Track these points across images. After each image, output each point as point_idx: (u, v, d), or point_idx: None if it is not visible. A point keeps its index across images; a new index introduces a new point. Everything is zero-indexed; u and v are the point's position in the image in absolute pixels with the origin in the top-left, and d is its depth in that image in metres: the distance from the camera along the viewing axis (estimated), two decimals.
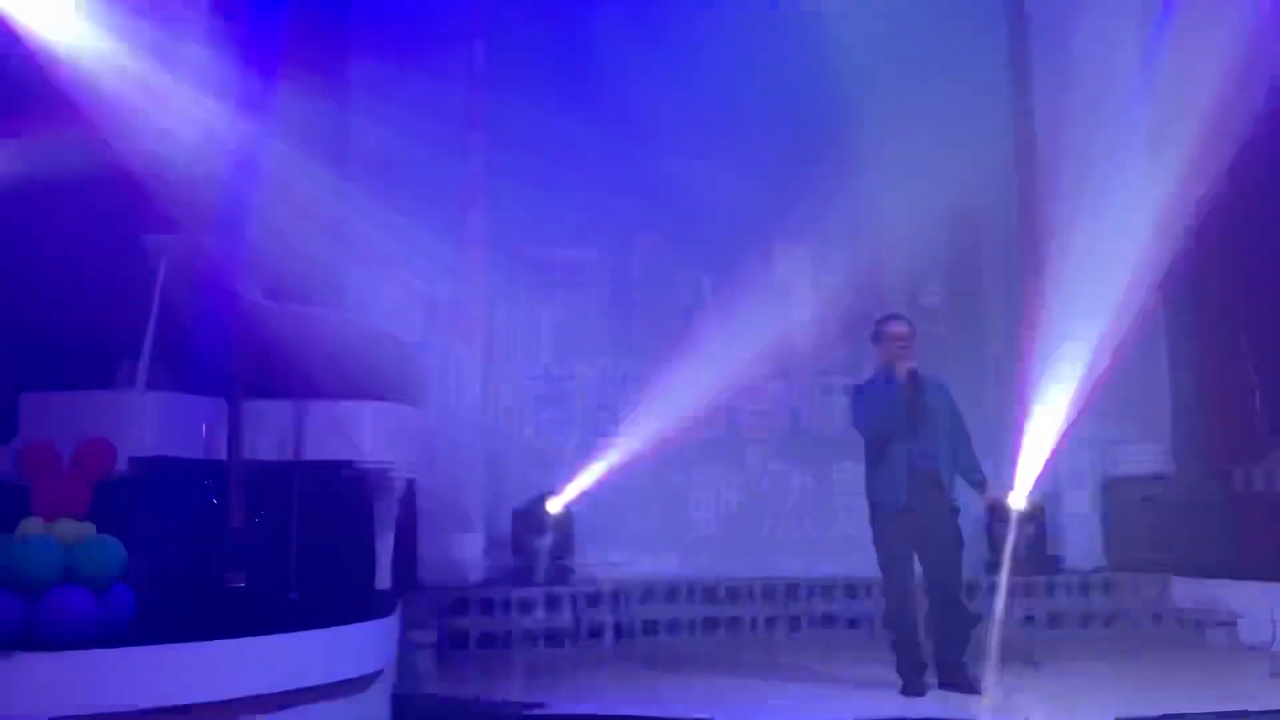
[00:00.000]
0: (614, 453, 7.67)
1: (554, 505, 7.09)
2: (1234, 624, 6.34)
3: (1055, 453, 7.79)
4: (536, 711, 4.42)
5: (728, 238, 8.08)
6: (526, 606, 6.63)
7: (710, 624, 7.09)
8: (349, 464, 5.17)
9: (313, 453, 5.04)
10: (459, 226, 7.49)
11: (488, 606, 6.58)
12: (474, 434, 7.37)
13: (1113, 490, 7.73)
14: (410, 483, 6.14)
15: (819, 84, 8.18)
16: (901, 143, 8.20)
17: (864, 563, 7.04)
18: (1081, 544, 7.81)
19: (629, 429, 7.75)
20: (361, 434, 5.14)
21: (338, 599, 5.13)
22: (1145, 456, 7.83)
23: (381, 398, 5.25)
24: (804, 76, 8.17)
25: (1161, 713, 2.99)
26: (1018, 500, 7.44)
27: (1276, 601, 6.09)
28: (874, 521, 5.18)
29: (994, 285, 8.43)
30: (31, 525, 3.55)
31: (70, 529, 3.57)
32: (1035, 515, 7.51)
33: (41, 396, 4.69)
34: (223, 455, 4.80)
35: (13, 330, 6.57)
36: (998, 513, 7.44)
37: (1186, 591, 6.90)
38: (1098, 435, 7.86)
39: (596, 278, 7.98)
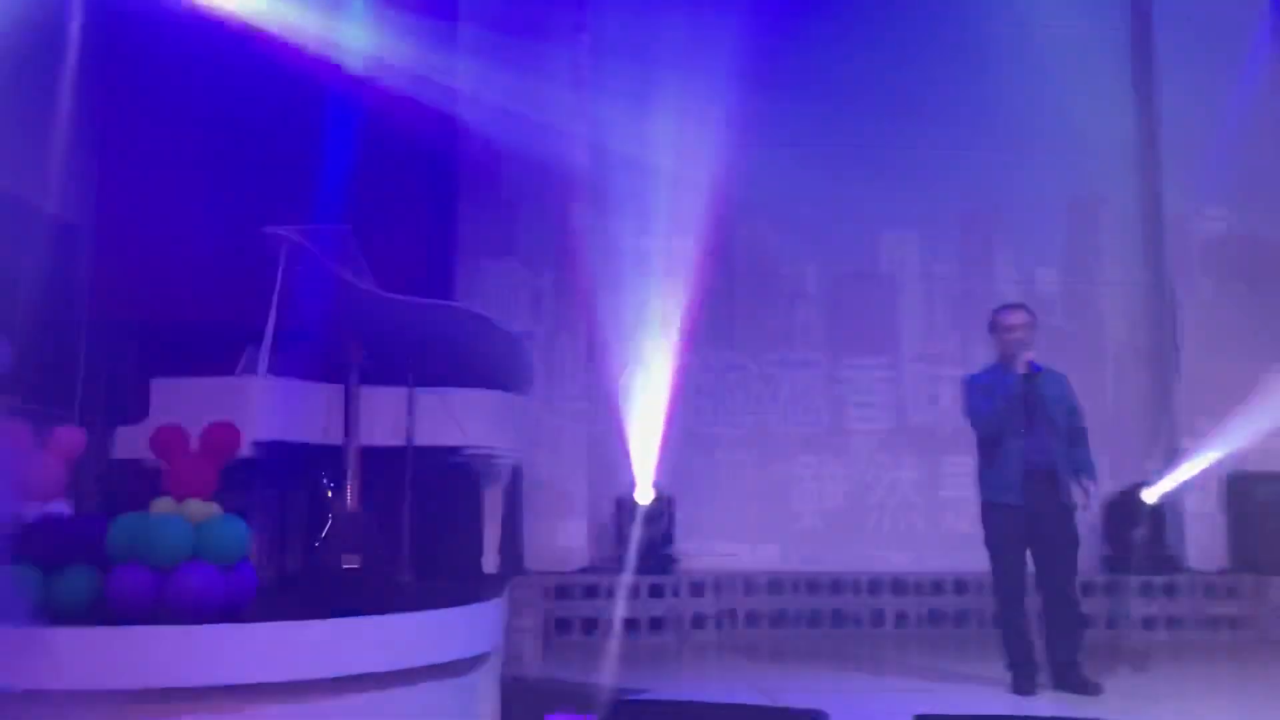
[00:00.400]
0: (717, 443, 7.70)
1: (656, 495, 7.10)
2: None
3: (1175, 449, 7.54)
4: (639, 697, 4.46)
5: (832, 226, 7.99)
6: (630, 594, 6.68)
7: (814, 617, 7.05)
8: (457, 450, 5.27)
9: (423, 439, 5.14)
10: (563, 217, 7.56)
11: (591, 592, 6.66)
12: (578, 423, 7.45)
13: (1238, 488, 7.40)
14: (516, 470, 6.24)
15: (931, 64, 8.05)
16: (1018, 126, 8.05)
17: (972, 559, 6.94)
18: (1205, 544, 7.52)
19: (732, 419, 7.75)
20: (469, 421, 5.22)
21: (447, 582, 5.24)
22: (1275, 452, 7.47)
23: (489, 386, 5.33)
24: (914, 56, 8.04)
25: None
26: (1147, 496, 7.23)
27: None
28: (986, 517, 5.08)
29: (1113, 274, 8.15)
30: (163, 504, 3.72)
31: (199, 509, 3.72)
32: (1154, 513, 7.27)
33: (171, 382, 4.89)
34: (339, 440, 4.94)
35: (145, 318, 6.93)
36: (1115, 510, 7.26)
37: None
38: (1223, 429, 7.54)
39: (699, 267, 7.95)
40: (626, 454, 7.39)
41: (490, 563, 5.62)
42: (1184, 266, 7.89)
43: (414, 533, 5.05)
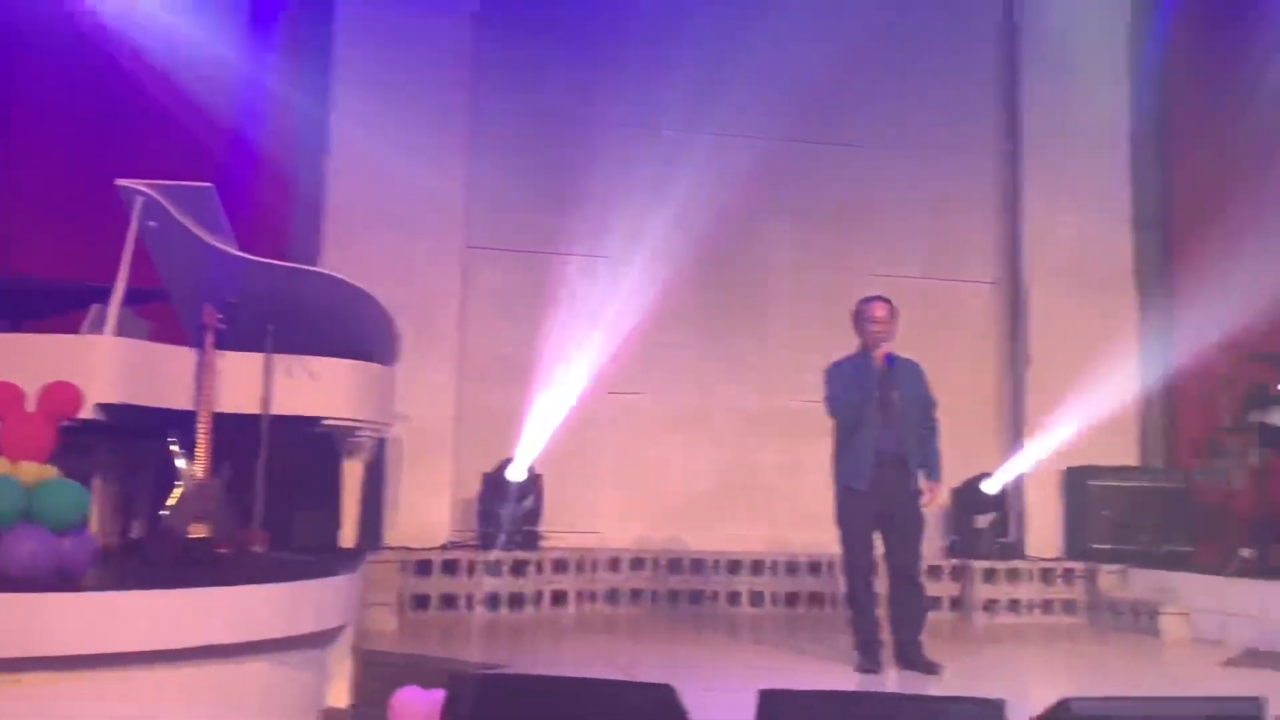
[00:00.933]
0: (587, 422, 7.71)
1: (522, 472, 7.08)
2: (1187, 615, 6.44)
3: (1019, 442, 7.94)
4: (494, 672, 4.44)
5: (706, 211, 8.07)
6: (491, 570, 6.65)
7: (673, 595, 7.16)
8: (317, 420, 5.15)
9: (281, 407, 5.00)
10: (439, 186, 7.45)
11: (451, 569, 6.60)
12: (447, 398, 7.35)
13: (1074, 481, 7.82)
14: (380, 443, 6.14)
15: (807, 59, 8.23)
16: (888, 123, 8.33)
17: (829, 541, 7.18)
18: (1044, 533, 7.93)
19: (601, 398, 7.78)
20: (330, 391, 5.11)
21: (301, 555, 5.13)
22: (1110, 448, 7.93)
23: (353, 355, 5.22)
24: (791, 50, 8.22)
25: (1108, 695, 3.05)
26: (987, 487, 7.58)
27: (1228, 595, 6.20)
28: (838, 500, 5.24)
29: (971, 271, 8.49)
30: None
31: (33, 470, 3.55)
32: (998, 503, 7.63)
33: (8, 338, 4.63)
34: (191, 406, 4.76)
35: None
36: (962, 498, 7.59)
37: (1143, 582, 7.02)
38: (1064, 424, 7.98)
39: (578, 246, 7.94)
40: (496, 430, 7.34)
41: (348, 536, 5.52)
42: (1038, 267, 8.28)
43: (268, 504, 4.92)
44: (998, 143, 8.57)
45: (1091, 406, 7.97)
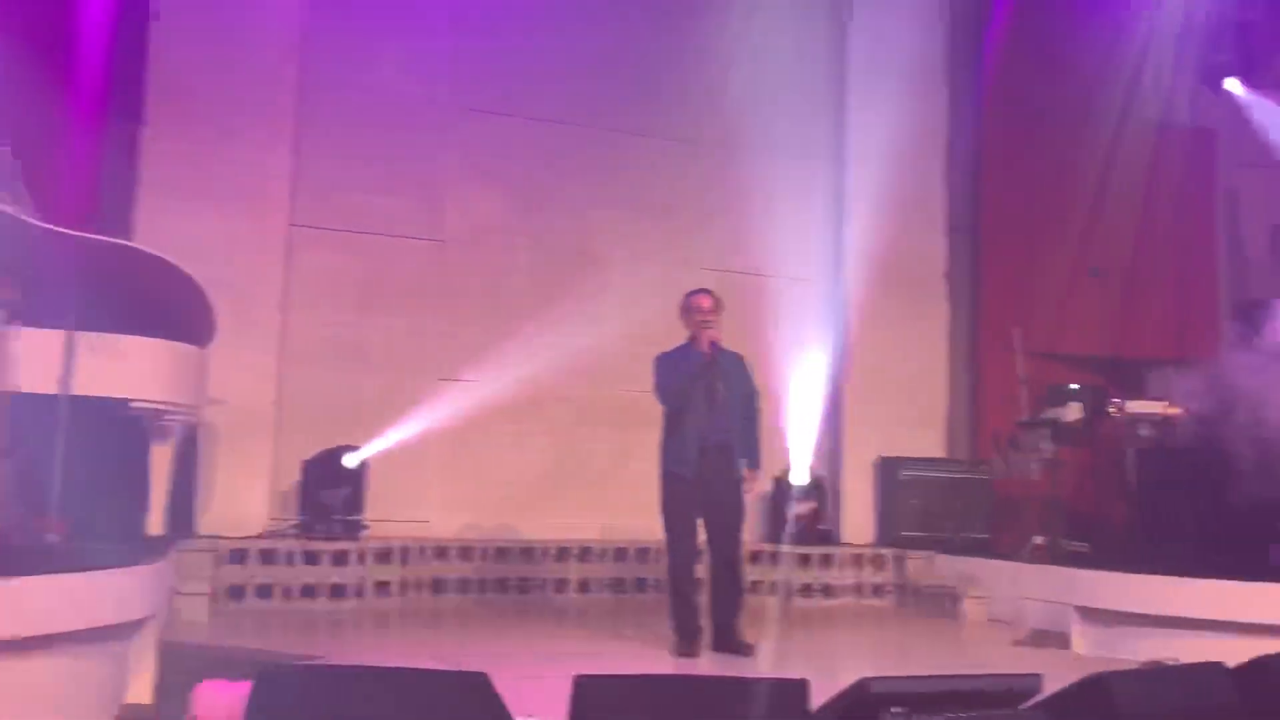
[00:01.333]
0: (416, 409, 7.59)
1: (348, 459, 6.92)
2: (986, 598, 6.87)
3: (837, 433, 8.28)
4: (304, 663, 4.33)
5: (546, 200, 8.09)
6: (311, 559, 6.47)
7: (502, 584, 7.14)
8: (123, 402, 4.88)
9: (86, 388, 4.72)
10: (264, 163, 7.17)
11: (269, 558, 6.39)
12: (267, 382, 7.09)
13: (886, 470, 8.22)
14: (193, 427, 5.88)
15: (646, 56, 8.37)
16: (724, 122, 8.52)
17: (657, 527, 7.31)
18: (858, 521, 8.31)
19: (432, 384, 7.67)
20: (139, 371, 4.86)
21: (104, 543, 4.86)
22: (920, 440, 8.38)
23: (165, 335, 4.97)
24: (629, 45, 8.34)
25: (906, 674, 3.24)
26: (798, 477, 7.87)
27: (1021, 579, 6.65)
28: (663, 486, 5.35)
29: (798, 269, 8.77)
30: None
31: None
32: (816, 491, 7.93)
33: None
34: None
35: None
36: (782, 487, 7.86)
37: (948, 567, 7.44)
38: (879, 417, 8.38)
39: (409, 230, 7.80)
40: (319, 416, 7.14)
41: (156, 524, 5.26)
42: (859, 266, 8.63)
43: (69, 490, 4.63)
44: (826, 146, 8.89)
45: (904, 400, 8.42)
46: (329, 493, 6.84)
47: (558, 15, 8.18)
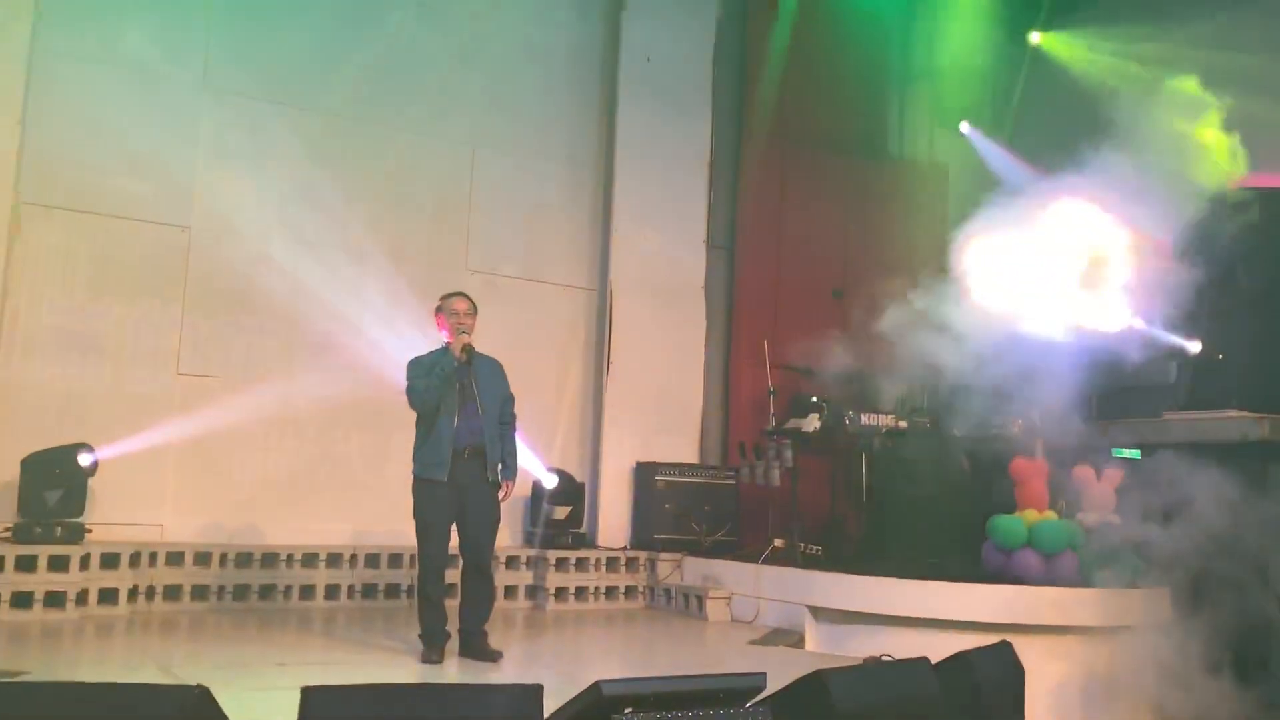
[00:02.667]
0: (152, 404, 7.14)
1: (74, 457, 6.40)
2: (729, 599, 7.18)
3: (595, 438, 8.44)
4: (10, 679, 3.98)
5: (301, 191, 7.79)
6: (25, 565, 5.94)
7: (242, 591, 6.82)
8: None
9: None
10: None
11: None
12: None
13: (643, 475, 8.44)
14: None
15: (418, 54, 8.27)
16: (495, 125, 8.53)
17: (411, 533, 7.19)
18: (613, 524, 8.49)
19: (173, 381, 7.24)
20: None
21: None
22: (675, 447, 8.67)
23: None
24: (402, 43, 8.21)
25: (645, 675, 3.35)
26: (550, 481, 7.97)
27: (760, 580, 7.00)
28: (416, 491, 5.28)
29: (563, 275, 8.87)
30: None
31: None
32: (572, 495, 8.05)
33: None
34: None
35: None
36: (538, 492, 7.93)
37: (695, 569, 7.72)
38: (636, 423, 8.61)
39: (152, 214, 7.32)
40: (43, 409, 6.60)
41: None
42: (622, 276, 8.84)
43: None
44: (594, 156, 9.05)
45: (661, 407, 8.69)
46: (49, 493, 6.31)
47: (324, 2, 7.94)
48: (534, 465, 7.78)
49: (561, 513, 8.00)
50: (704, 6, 9.45)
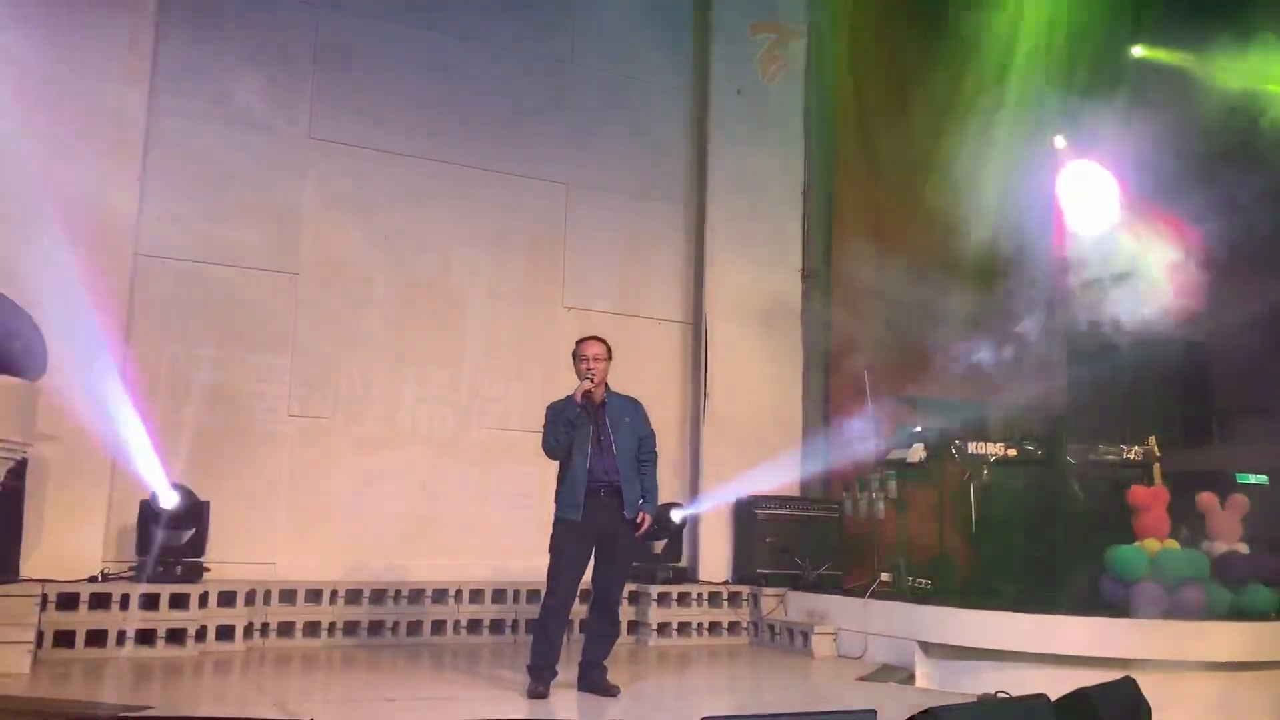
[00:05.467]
0: (264, 445, 7.36)
1: (187, 497, 6.63)
2: (834, 634, 7.04)
3: (695, 472, 8.40)
4: (135, 714, 4.11)
5: (403, 235, 8.00)
6: (148, 604, 6.15)
7: (351, 627, 6.94)
8: None
9: None
10: (108, 189, 6.88)
11: (102, 602, 6.05)
12: (103, 415, 6.74)
13: (743, 508, 8.35)
14: (20, 464, 5.55)
15: (514, 94, 8.44)
16: (586, 164, 8.64)
17: (516, 568, 7.26)
18: (714, 559, 8.41)
19: (280, 421, 7.45)
20: None
21: None
22: (775, 480, 8.55)
23: None
24: (498, 84, 8.39)
25: (751, 712, 3.30)
26: (676, 517, 7.93)
27: (867, 615, 6.84)
28: (554, 529, 5.34)
29: (658, 309, 8.89)
30: None
31: None
32: (675, 530, 8.00)
33: None
34: None
35: None
36: (659, 527, 7.89)
37: (800, 604, 7.59)
38: (736, 456, 8.53)
39: (262, 262, 7.58)
40: (156, 452, 6.84)
41: None
42: (717, 308, 8.82)
43: None
44: (687, 191, 9.08)
45: (760, 439, 8.60)
46: (169, 533, 6.53)
47: (419, 52, 8.18)
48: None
49: (659, 547, 7.96)
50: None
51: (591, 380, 5.31)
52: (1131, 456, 7.08)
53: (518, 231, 8.42)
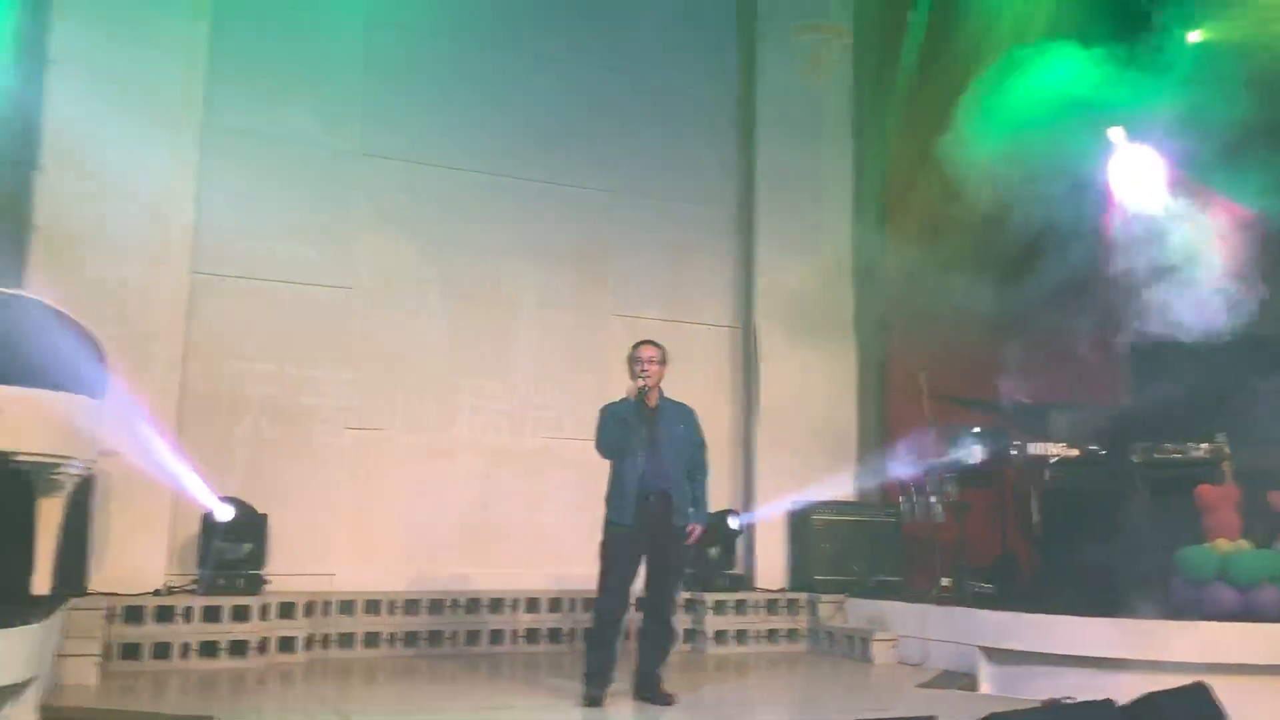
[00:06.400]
0: (322, 458, 7.45)
1: (246, 510, 6.73)
2: (894, 641, 6.93)
3: (749, 478, 8.31)
4: None
5: (454, 248, 8.07)
6: (211, 616, 6.25)
7: (411, 637, 6.99)
8: (7, 456, 4.69)
9: None
10: (164, 207, 7.02)
11: (166, 615, 6.16)
12: (165, 429, 6.87)
13: (798, 514, 8.26)
14: (86, 480, 5.66)
15: (557, 106, 8.46)
16: (631, 172, 8.64)
17: (570, 577, 7.24)
18: (770, 566, 8.33)
19: (336, 433, 7.54)
20: (22, 424, 4.67)
21: None
22: (831, 485, 8.45)
23: (52, 385, 4.80)
24: (542, 96, 8.43)
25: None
26: (732, 523, 7.88)
27: (927, 622, 6.73)
28: (605, 536, 5.30)
29: (706, 314, 8.85)
30: None
31: None
32: (729, 537, 7.94)
33: None
34: None
35: None
36: (711, 534, 7.84)
37: (859, 611, 7.49)
38: (790, 462, 8.45)
39: (317, 277, 7.69)
40: (222, 466, 6.96)
41: (42, 582, 5.04)
42: (768, 313, 8.76)
43: None
44: (734, 195, 9.04)
45: (815, 444, 8.51)
46: (231, 546, 6.64)
47: (468, 66, 8.24)
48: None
49: (714, 553, 7.90)
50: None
51: (646, 379, 5.29)
52: (1200, 454, 6.88)
53: (565, 241, 8.44)
